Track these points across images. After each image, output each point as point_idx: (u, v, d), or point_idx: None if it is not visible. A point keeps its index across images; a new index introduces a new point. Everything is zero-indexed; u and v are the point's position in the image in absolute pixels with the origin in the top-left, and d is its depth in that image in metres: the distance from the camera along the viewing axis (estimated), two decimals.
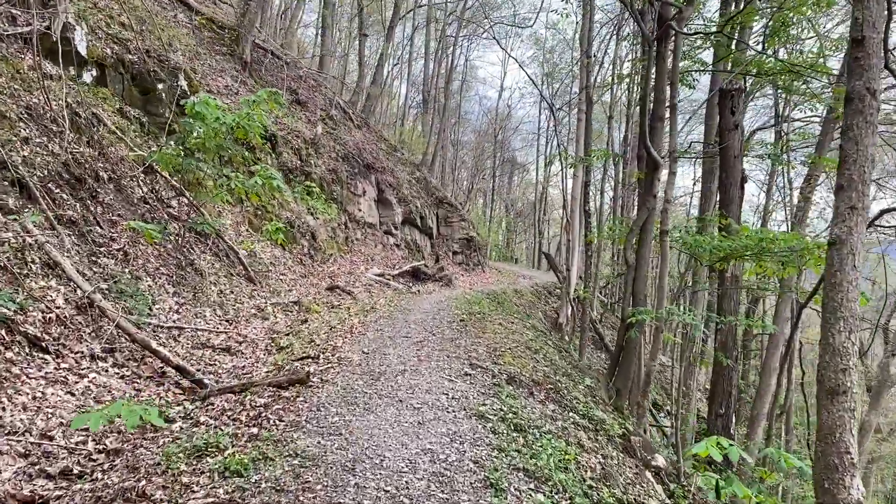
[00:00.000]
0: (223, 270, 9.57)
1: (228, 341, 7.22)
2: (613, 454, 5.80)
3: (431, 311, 10.44)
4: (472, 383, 5.66)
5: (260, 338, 7.65)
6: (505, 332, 7.78)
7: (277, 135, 14.30)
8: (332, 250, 15.37)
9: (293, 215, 13.88)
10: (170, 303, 7.40)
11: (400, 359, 6.26)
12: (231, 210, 12.01)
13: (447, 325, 8.42)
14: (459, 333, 7.74)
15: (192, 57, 13.82)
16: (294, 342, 7.20)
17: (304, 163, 15.14)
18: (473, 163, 36.29)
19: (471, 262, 23.94)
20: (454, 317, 9.23)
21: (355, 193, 17.43)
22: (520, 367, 6.52)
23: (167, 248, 8.31)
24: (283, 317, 9.26)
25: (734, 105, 10.60)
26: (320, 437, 3.90)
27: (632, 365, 8.68)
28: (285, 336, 7.77)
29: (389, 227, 19.25)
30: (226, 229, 11.20)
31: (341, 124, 19.05)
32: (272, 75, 16.96)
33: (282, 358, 6.28)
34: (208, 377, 5.73)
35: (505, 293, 18.37)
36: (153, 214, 8.82)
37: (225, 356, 6.65)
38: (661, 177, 8.77)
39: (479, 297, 15.04)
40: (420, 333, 7.72)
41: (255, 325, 8.26)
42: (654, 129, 8.81)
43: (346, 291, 12.65)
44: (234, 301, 8.94)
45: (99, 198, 7.81)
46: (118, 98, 10.22)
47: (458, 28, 28.73)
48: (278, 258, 12.22)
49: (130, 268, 7.31)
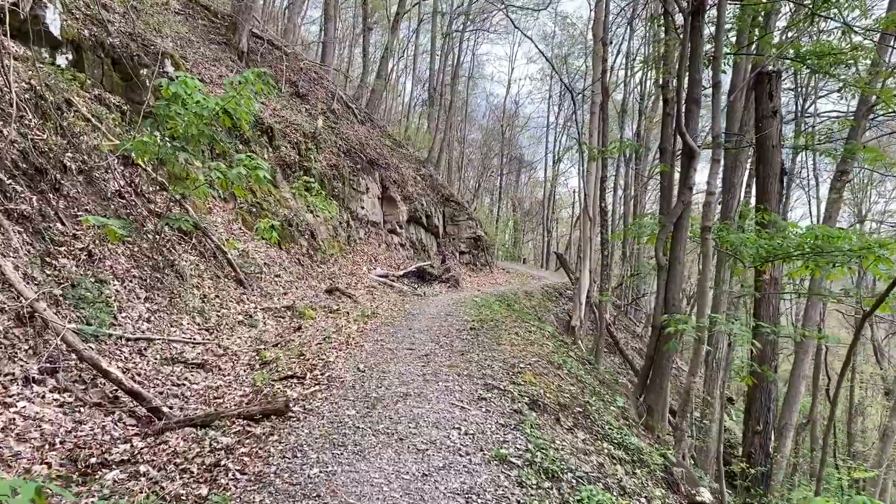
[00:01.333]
0: (209, 272, 8.56)
1: (205, 354, 6.19)
2: (657, 493, 4.74)
3: (438, 316, 9.40)
4: (489, 411, 4.61)
5: (243, 349, 6.62)
6: (522, 343, 6.73)
7: (275, 127, 13.29)
8: (333, 250, 14.35)
9: (291, 213, 12.86)
10: (140, 310, 6.39)
11: (402, 378, 5.21)
12: (223, 207, 11.01)
13: (456, 334, 7.37)
14: (471, 345, 6.68)
15: (183, 44, 12.83)
16: (281, 355, 6.17)
17: (303, 157, 14.13)
18: (480, 160, 35.21)
19: (478, 262, 22.87)
20: (464, 324, 8.17)
21: (358, 190, 16.40)
22: (543, 388, 5.46)
23: (142, 248, 7.30)
24: (273, 324, 8.24)
25: (772, 89, 9.49)
26: (290, 502, 2.86)
27: (665, 379, 7.60)
28: (273, 347, 6.74)
29: (394, 226, 18.22)
30: (216, 227, 10.21)
31: (343, 118, 18.03)
32: (271, 66, 15.95)
33: (262, 377, 5.24)
34: (171, 402, 4.72)
35: (515, 295, 17.29)
36: (129, 210, 7.82)
37: (198, 373, 5.62)
38: (696, 166, 7.68)
39: (488, 300, 13.98)
40: (426, 344, 6.67)
41: (239, 335, 7.24)
42: (690, 112, 7.73)
43: (347, 294, 11.63)
44: (219, 306, 7.92)
45: (63, 191, 6.80)
46: (96, 83, 9.24)
47: (464, 22, 27.66)
48: (273, 259, 11.20)
49: (95, 270, 6.30)
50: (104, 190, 7.68)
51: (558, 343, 7.67)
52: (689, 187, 7.61)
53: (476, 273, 21.83)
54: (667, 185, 12.07)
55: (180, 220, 6.99)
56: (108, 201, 7.63)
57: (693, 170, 7.65)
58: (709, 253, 6.63)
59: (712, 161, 6.94)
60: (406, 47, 27.95)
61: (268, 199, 12.35)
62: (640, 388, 7.86)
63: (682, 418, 6.67)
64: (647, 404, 7.56)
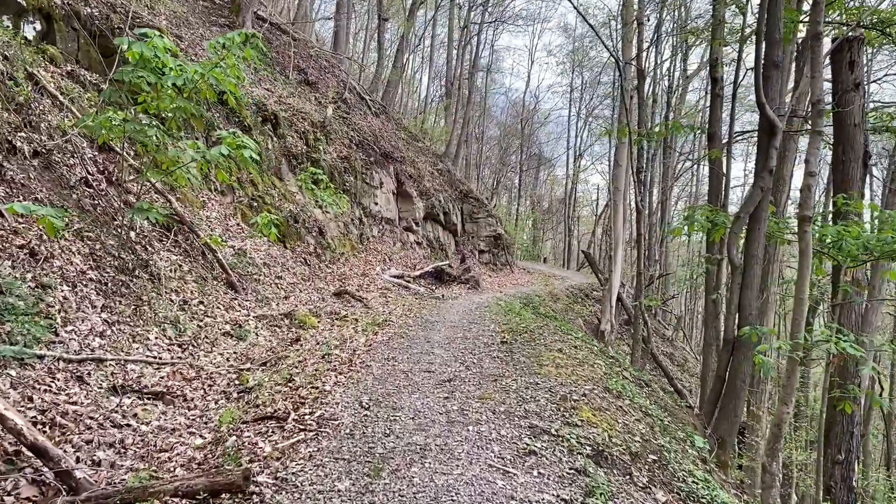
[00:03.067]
0: (194, 274, 7.22)
1: (171, 378, 4.83)
2: None
3: (460, 324, 7.97)
4: (543, 474, 3.16)
5: (223, 370, 5.26)
6: (568, 363, 5.27)
7: (280, 115, 11.95)
8: (344, 248, 12.99)
9: (297, 208, 11.52)
10: (93, 321, 5.05)
11: (418, 418, 3.78)
12: (219, 201, 9.69)
13: (484, 349, 5.92)
14: (504, 365, 5.23)
15: (179, 24, 11.55)
16: (266, 381, 4.78)
17: (311, 148, 12.78)
18: (499, 157, 33.67)
19: (498, 261, 21.39)
20: (492, 335, 6.72)
21: (371, 185, 15.02)
22: (606, 429, 4.00)
23: (106, 245, 5.97)
24: (267, 335, 6.87)
25: (854, 58, 7.89)
26: None
27: (740, 405, 6.10)
28: (259, 368, 5.36)
29: (410, 223, 16.82)
30: (210, 223, 8.89)
31: (356, 109, 16.66)
32: (278, 52, 14.65)
33: (231, 417, 3.84)
34: (99, 456, 3.36)
35: (540, 297, 15.79)
36: (97, 201, 6.51)
37: (153, 407, 4.26)
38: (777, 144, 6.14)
39: (513, 303, 12.51)
40: (448, 364, 5.24)
41: (222, 350, 5.87)
42: (769, 79, 6.18)
43: (357, 297, 10.25)
44: (202, 314, 6.56)
45: (6, 175, 5.51)
46: (70, 58, 7.97)
47: (482, 12, 26.18)
48: (275, 258, 9.86)
49: (37, 272, 4.98)
50: (67, 177, 6.38)
51: (609, 361, 6.18)
52: (768, 170, 6.07)
53: (496, 273, 20.35)
54: (716, 173, 10.53)
55: (150, 210, 5.63)
56: (70, 190, 6.33)
57: (774, 149, 6.11)
58: (808, 249, 5.10)
59: (812, 134, 5.41)
60: (422, 37, 26.50)
61: (271, 193, 11.01)
62: (708, 414, 6.34)
63: (771, 458, 5.17)
64: (717, 435, 6.04)
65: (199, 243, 7.73)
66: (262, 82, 12.84)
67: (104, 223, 6.42)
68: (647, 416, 4.73)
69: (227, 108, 10.45)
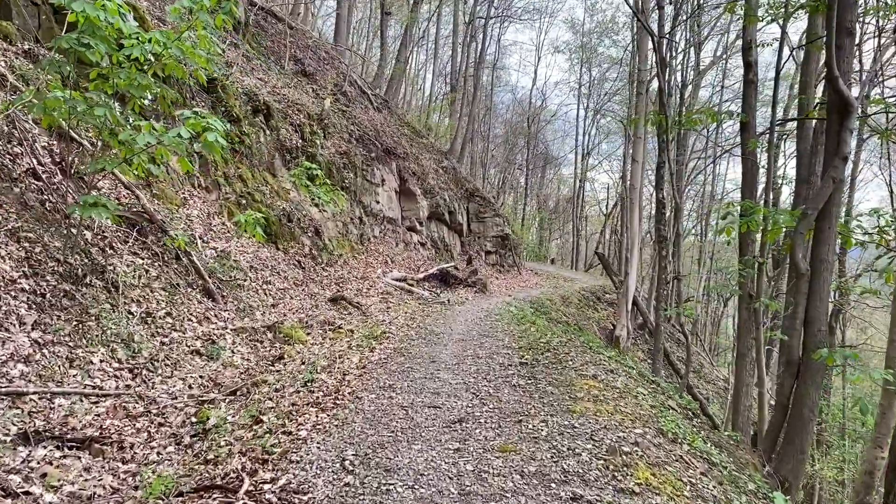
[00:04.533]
0: (162, 280, 6.18)
1: (111, 415, 3.79)
2: None
3: (469, 336, 6.91)
4: None
5: (179, 403, 4.21)
6: (608, 395, 4.19)
7: (273, 106, 10.91)
8: (342, 250, 11.94)
9: (291, 206, 10.48)
10: (18, 343, 4.01)
11: (419, 489, 2.72)
12: (202, 197, 8.66)
13: (501, 372, 4.85)
14: (528, 397, 4.16)
15: (161, 5, 10.54)
16: (227, 421, 3.73)
17: (307, 142, 11.74)
18: (505, 156, 32.55)
19: (505, 262, 20.31)
20: (508, 353, 5.66)
21: (372, 182, 13.97)
22: (672, 495, 2.94)
23: (50, 249, 4.94)
24: (245, 351, 5.83)
25: None
26: None
27: (807, 440, 5.01)
28: (226, 398, 4.31)
29: (413, 223, 15.76)
30: (189, 222, 7.87)
31: (357, 102, 15.61)
32: (273, 41, 13.63)
33: (163, 486, 2.78)
34: None
35: (551, 301, 14.71)
36: (45, 195, 5.49)
37: (73, 462, 3.21)
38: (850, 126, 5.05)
39: (524, 309, 11.44)
40: (457, 395, 4.17)
41: (185, 374, 4.82)
42: (841, 49, 5.09)
43: (354, 304, 9.20)
44: (168, 329, 5.51)
45: None
46: (28, 35, 6.96)
47: (488, 6, 25.09)
48: (264, 261, 8.81)
49: None
50: (9, 169, 5.36)
51: (651, 387, 5.09)
52: (842, 158, 4.98)
53: (504, 275, 19.28)
54: (751, 166, 9.43)
55: (96, 207, 4.58)
56: (12, 183, 5.31)
57: (847, 132, 5.01)
58: None
59: None
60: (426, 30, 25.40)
61: (262, 189, 9.97)
62: (767, 450, 5.25)
63: None
64: (780, 476, 4.95)
65: (175, 245, 6.69)
66: (254, 71, 11.81)
67: (53, 222, 5.40)
68: (712, 467, 3.65)
69: (212, 97, 9.43)
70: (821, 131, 11.09)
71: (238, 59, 10.86)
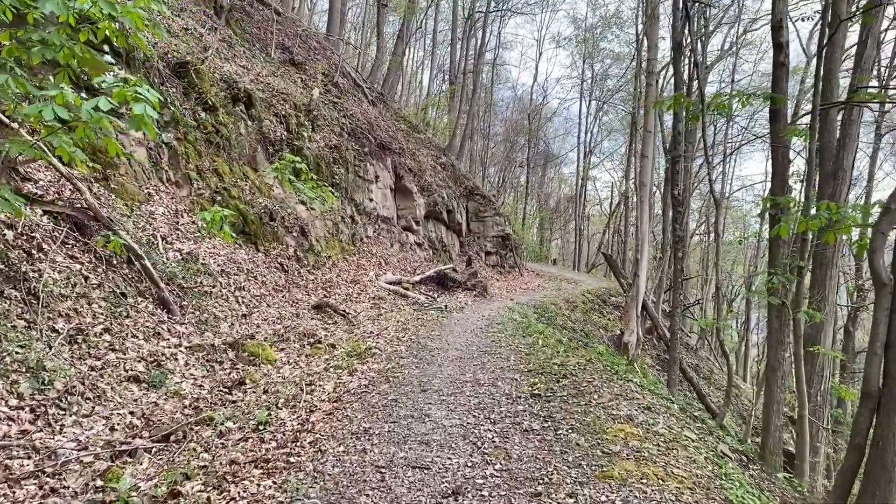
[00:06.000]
0: (105, 289, 5.14)
1: None
2: None
3: (468, 353, 5.89)
4: None
5: (89, 455, 3.19)
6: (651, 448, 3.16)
7: (254, 94, 9.87)
8: (332, 251, 10.90)
9: (274, 203, 9.44)
10: None
11: None
12: (171, 193, 7.62)
13: (508, 409, 3.82)
14: (546, 451, 3.12)
15: None
16: (139, 489, 2.71)
17: (293, 135, 10.69)
18: (505, 154, 31.49)
19: (506, 263, 19.27)
20: (515, 378, 4.62)
21: (365, 179, 12.93)
22: None
23: None
24: (198, 375, 4.80)
25: None
26: None
27: (891, 490, 3.97)
28: (153, 447, 3.29)
29: (409, 222, 14.71)
30: (152, 219, 6.83)
31: (350, 95, 14.56)
32: (259, 27, 12.59)
33: None
34: None
35: (556, 305, 13.67)
36: None
37: None
38: None
39: (530, 316, 10.40)
40: (452, 447, 3.15)
41: (110, 411, 3.79)
42: None
43: (341, 312, 8.16)
44: (106, 349, 4.47)
45: None
46: None
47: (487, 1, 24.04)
48: (239, 264, 7.78)
49: None
50: None
51: (695, 424, 4.06)
52: None
53: (504, 276, 18.24)
54: (781, 158, 8.41)
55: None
56: None
57: None
58: None
59: None
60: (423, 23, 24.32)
61: (240, 185, 8.94)
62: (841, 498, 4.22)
63: None
64: None
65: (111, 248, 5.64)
66: (236, 58, 10.76)
67: None
68: None
69: (184, 81, 8.39)
70: (849, 122, 10.09)
71: (216, 44, 9.81)
